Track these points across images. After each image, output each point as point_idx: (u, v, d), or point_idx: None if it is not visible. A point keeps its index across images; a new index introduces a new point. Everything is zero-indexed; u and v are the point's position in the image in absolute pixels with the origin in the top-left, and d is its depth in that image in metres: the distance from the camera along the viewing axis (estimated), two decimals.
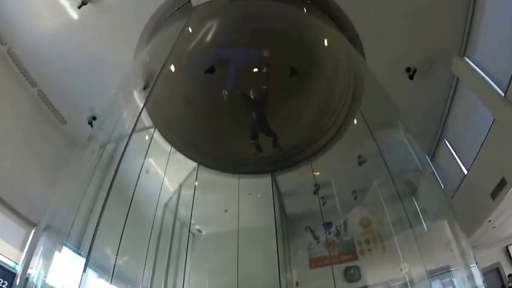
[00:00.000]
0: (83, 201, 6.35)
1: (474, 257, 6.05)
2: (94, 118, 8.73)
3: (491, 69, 7.29)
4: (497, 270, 11.36)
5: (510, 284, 10.03)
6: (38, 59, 7.86)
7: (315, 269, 9.63)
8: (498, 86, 7.08)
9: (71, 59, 7.86)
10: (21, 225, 7.15)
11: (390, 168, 7.85)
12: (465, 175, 9.04)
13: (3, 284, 6.50)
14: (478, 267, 5.91)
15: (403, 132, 7.58)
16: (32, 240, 7.20)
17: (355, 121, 8.34)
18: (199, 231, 10.20)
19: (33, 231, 7.19)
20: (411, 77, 8.24)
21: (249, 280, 8.70)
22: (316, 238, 10.13)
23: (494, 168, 7.84)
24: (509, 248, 11.43)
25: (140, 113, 7.16)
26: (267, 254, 9.08)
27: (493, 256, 11.17)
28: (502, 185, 7.67)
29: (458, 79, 8.33)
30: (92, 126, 8.78)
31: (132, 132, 6.91)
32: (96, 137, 7.42)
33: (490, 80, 7.27)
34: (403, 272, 8.19)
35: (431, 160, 10.44)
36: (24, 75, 7.89)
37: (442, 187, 7.52)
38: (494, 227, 9.44)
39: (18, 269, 6.54)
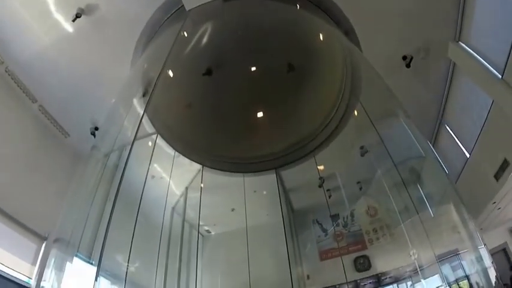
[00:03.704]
0: (91, 211, 6.42)
1: (482, 239, 6.10)
2: (96, 128, 8.78)
3: (487, 52, 7.29)
4: (505, 251, 11.40)
5: None
6: (36, 75, 7.89)
7: (325, 261, 9.74)
8: (494, 68, 7.09)
9: (69, 72, 7.89)
10: (31, 240, 7.21)
11: (393, 156, 7.91)
12: (467, 159, 9.06)
13: None
14: (486, 248, 5.96)
15: (404, 120, 7.62)
16: (43, 254, 7.27)
17: (356, 113, 8.37)
18: (208, 232, 10.29)
19: (44, 244, 7.25)
20: (408, 65, 8.23)
21: (260, 276, 8.78)
22: (325, 230, 10.21)
23: (496, 150, 7.86)
24: None
25: (141, 120, 7.22)
26: (277, 249, 9.16)
27: (500, 237, 11.20)
28: (504, 166, 7.71)
29: (455, 64, 8.34)
30: (94, 137, 8.83)
31: (134, 140, 6.97)
32: (99, 147, 7.49)
33: (486, 63, 7.28)
34: (413, 258, 8.28)
35: (433, 146, 10.47)
36: (23, 92, 7.92)
37: (446, 171, 7.56)
38: (499, 209, 9.47)
39: (32, 283, 6.61)
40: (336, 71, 8.57)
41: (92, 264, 6.07)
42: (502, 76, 6.91)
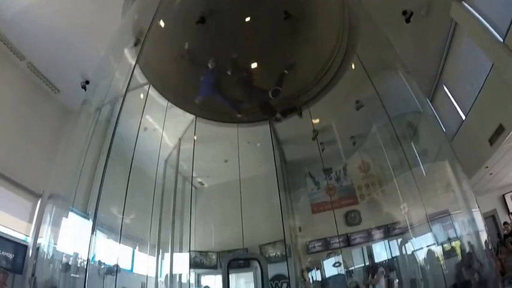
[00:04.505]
0: (84, 165, 6.41)
1: (476, 200, 6.14)
2: (87, 82, 8.56)
3: (490, 14, 7.13)
4: (493, 217, 11.64)
5: (505, 231, 10.29)
6: (23, 32, 7.59)
7: (317, 214, 9.89)
8: (497, 32, 6.98)
9: (56, 27, 7.60)
10: (27, 198, 7.22)
11: (390, 110, 7.85)
12: (463, 120, 9.05)
13: (14, 257, 6.63)
14: (480, 211, 6.01)
15: (402, 74, 7.51)
16: (39, 211, 7.29)
17: (353, 66, 8.22)
18: (201, 184, 10.30)
19: (39, 202, 7.25)
20: (407, 21, 8.03)
21: (253, 228, 8.91)
22: (317, 184, 10.29)
23: (492, 114, 7.86)
24: (505, 197, 11.70)
25: (133, 70, 7.10)
26: (270, 201, 9.26)
27: (490, 204, 11.40)
28: (499, 131, 7.73)
29: (456, 24, 8.14)
30: (86, 91, 8.65)
31: (126, 91, 6.88)
32: (91, 100, 7.37)
33: (488, 26, 7.14)
34: (403, 212, 8.42)
35: None
36: (11, 50, 7.66)
37: (443, 129, 7.55)
38: (491, 174, 9.60)
39: (29, 241, 6.68)
40: (333, 21, 8.34)
41: (87, 218, 6.15)
42: (504, 40, 6.80)
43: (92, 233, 5.88)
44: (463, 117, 9.06)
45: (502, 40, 6.84)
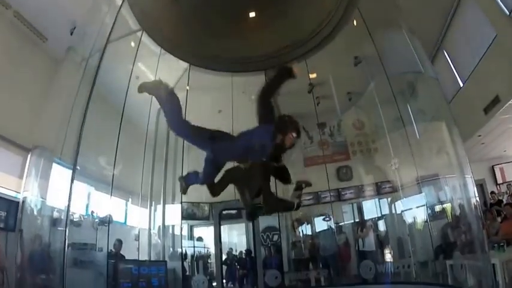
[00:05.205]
0: (72, 116, 6.25)
1: (469, 164, 6.16)
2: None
3: None
4: (481, 186, 11.81)
5: (492, 200, 10.48)
6: None
7: (310, 167, 9.96)
8: (504, 4, 6.91)
9: None
10: (16, 153, 6.96)
11: (390, 68, 7.73)
12: (460, 87, 9.01)
13: (7, 215, 6.48)
14: (472, 178, 6.03)
15: (406, 32, 7.33)
16: (29, 166, 7.09)
17: (355, 22, 7.96)
18: None
19: (29, 156, 7.01)
20: None
21: None
22: (310, 138, 10.31)
23: (489, 84, 7.81)
24: (494, 168, 11.85)
25: (121, 5, 6.90)
26: None
27: (479, 173, 11.48)
28: (495, 101, 7.71)
29: None
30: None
31: (114, 24, 6.70)
32: (79, 47, 7.09)
33: None
34: (393, 168, 8.51)
35: None
36: None
37: (441, 90, 7.46)
38: (483, 144, 9.62)
39: (20, 197, 6.54)
40: None
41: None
42: (510, 13, 6.74)
43: (72, 181, 5.87)
44: (461, 84, 9.02)
45: (508, 13, 6.77)
